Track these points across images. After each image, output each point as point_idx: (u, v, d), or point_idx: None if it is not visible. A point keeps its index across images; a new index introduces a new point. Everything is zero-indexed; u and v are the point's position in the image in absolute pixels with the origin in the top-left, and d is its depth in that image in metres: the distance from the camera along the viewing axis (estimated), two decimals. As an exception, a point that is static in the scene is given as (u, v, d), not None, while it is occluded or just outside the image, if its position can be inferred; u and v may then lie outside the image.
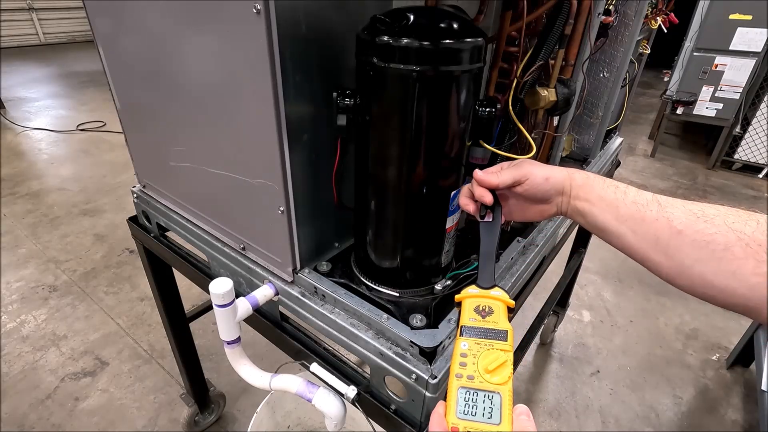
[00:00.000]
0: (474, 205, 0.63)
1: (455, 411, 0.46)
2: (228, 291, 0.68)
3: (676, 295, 2.43)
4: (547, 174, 0.60)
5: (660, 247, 0.50)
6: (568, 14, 0.73)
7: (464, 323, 0.54)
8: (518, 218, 0.67)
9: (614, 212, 0.54)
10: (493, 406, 0.46)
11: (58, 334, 1.99)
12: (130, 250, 2.58)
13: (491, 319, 0.53)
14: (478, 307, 0.55)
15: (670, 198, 0.52)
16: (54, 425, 1.60)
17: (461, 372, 0.49)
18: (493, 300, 0.55)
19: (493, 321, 0.53)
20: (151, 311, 2.14)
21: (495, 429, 0.44)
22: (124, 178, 3.43)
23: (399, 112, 0.60)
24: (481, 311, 0.54)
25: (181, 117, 0.82)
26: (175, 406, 1.68)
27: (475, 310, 0.55)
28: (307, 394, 0.75)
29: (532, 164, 0.61)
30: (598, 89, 1.12)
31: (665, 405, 1.80)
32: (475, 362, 0.49)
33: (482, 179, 0.61)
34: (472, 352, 0.50)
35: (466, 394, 0.47)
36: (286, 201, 0.69)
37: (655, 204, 0.52)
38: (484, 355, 0.49)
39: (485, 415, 0.45)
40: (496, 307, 0.55)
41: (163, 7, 0.70)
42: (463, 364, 0.49)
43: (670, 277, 0.50)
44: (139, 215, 1.12)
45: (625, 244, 0.54)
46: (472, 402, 0.47)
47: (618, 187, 0.56)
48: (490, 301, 0.55)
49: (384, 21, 0.54)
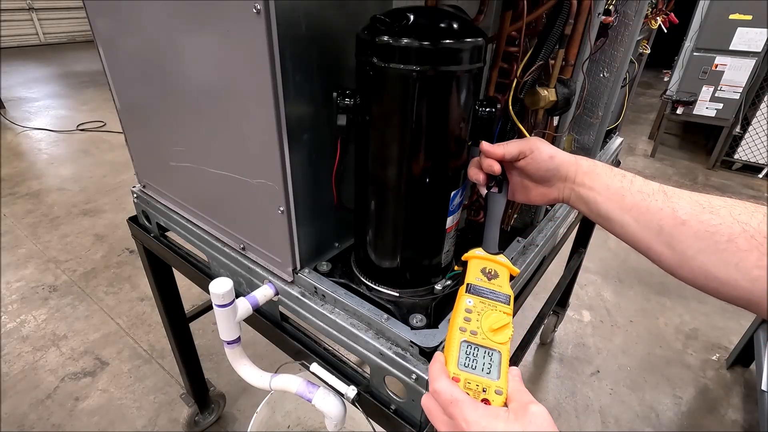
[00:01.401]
0: (483, 175, 0.64)
1: (456, 362, 0.48)
2: (228, 291, 0.68)
3: (676, 295, 2.43)
4: (553, 152, 0.60)
5: (663, 238, 0.49)
6: (568, 14, 0.73)
7: (470, 281, 0.56)
8: (521, 199, 0.67)
9: (619, 201, 0.54)
10: (492, 363, 0.48)
11: (58, 334, 1.99)
12: (130, 250, 2.58)
13: (496, 282, 0.56)
14: (485, 269, 0.57)
15: (678, 189, 0.52)
16: (54, 425, 1.60)
17: (465, 326, 0.51)
18: (499, 265, 0.58)
19: (497, 284, 0.56)
20: (151, 311, 2.14)
21: (493, 384, 0.46)
22: (124, 178, 3.43)
23: (399, 112, 0.60)
24: (487, 273, 0.57)
25: (181, 117, 0.82)
26: (175, 406, 1.68)
27: (481, 271, 0.57)
28: (307, 394, 0.75)
29: (540, 140, 0.62)
30: (598, 89, 1.12)
31: (665, 405, 1.80)
32: (479, 320, 0.51)
33: (488, 150, 0.61)
34: (477, 310, 0.52)
35: (468, 348, 0.49)
36: (286, 201, 0.69)
37: (661, 194, 0.51)
38: (487, 314, 0.52)
39: (484, 370, 0.48)
40: (501, 273, 0.57)
41: (163, 8, 0.70)
42: (467, 319, 0.52)
43: (671, 268, 0.50)
44: (139, 215, 1.12)
45: (628, 233, 0.53)
46: (473, 356, 0.49)
47: (625, 176, 0.55)
48: (497, 266, 0.58)
49: (384, 21, 0.54)
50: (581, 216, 1.36)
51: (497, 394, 0.46)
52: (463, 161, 0.68)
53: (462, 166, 0.68)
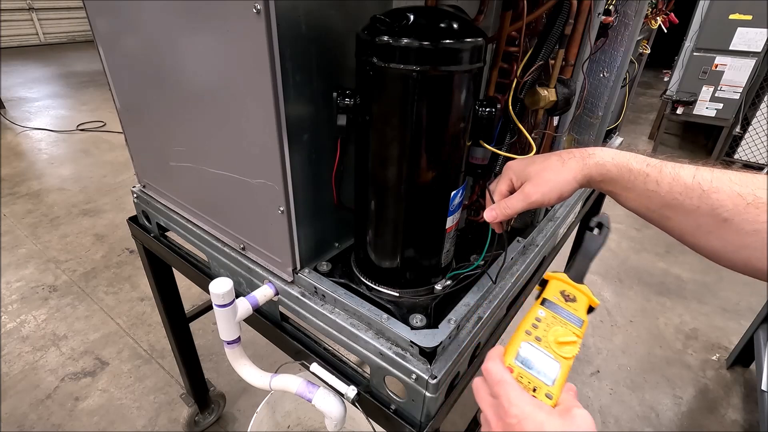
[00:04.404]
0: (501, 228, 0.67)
1: (515, 356, 0.49)
2: (228, 291, 0.68)
3: (676, 295, 2.43)
4: (559, 193, 0.57)
5: (701, 233, 0.48)
6: (568, 14, 0.73)
7: (548, 297, 0.56)
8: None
9: (646, 202, 0.52)
10: (550, 370, 0.48)
11: (58, 334, 1.99)
12: (130, 250, 2.58)
13: (573, 306, 0.55)
14: (564, 291, 0.57)
15: (715, 173, 0.48)
16: (54, 425, 1.60)
17: (531, 331, 0.51)
18: (580, 293, 0.57)
19: (574, 308, 0.55)
20: (151, 311, 2.13)
21: (545, 386, 0.46)
22: (124, 178, 3.43)
23: (399, 112, 0.60)
24: (566, 295, 0.56)
25: (181, 117, 0.82)
26: (175, 406, 1.68)
27: (561, 292, 0.57)
28: (307, 394, 0.75)
29: (537, 186, 0.59)
30: (598, 89, 1.12)
31: (665, 405, 1.80)
32: (547, 330, 0.51)
33: (497, 218, 0.62)
34: (547, 322, 0.52)
35: (529, 348, 0.50)
36: (286, 201, 0.69)
37: (696, 190, 0.48)
38: (556, 328, 0.51)
39: (540, 372, 0.48)
40: (580, 300, 0.56)
41: (164, 8, 0.70)
42: (535, 326, 0.52)
43: (710, 258, 0.49)
44: (139, 215, 1.12)
45: (661, 226, 0.52)
46: (532, 357, 0.49)
47: (648, 175, 0.51)
48: (577, 292, 0.57)
49: (384, 21, 0.54)
50: (581, 216, 1.36)
51: (547, 397, 0.46)
52: (463, 161, 0.68)
53: (462, 167, 0.68)
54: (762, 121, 3.72)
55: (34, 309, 2.13)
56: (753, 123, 3.76)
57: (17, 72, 6.42)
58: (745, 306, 2.36)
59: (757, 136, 3.80)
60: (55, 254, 2.53)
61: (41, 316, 2.10)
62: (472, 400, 0.48)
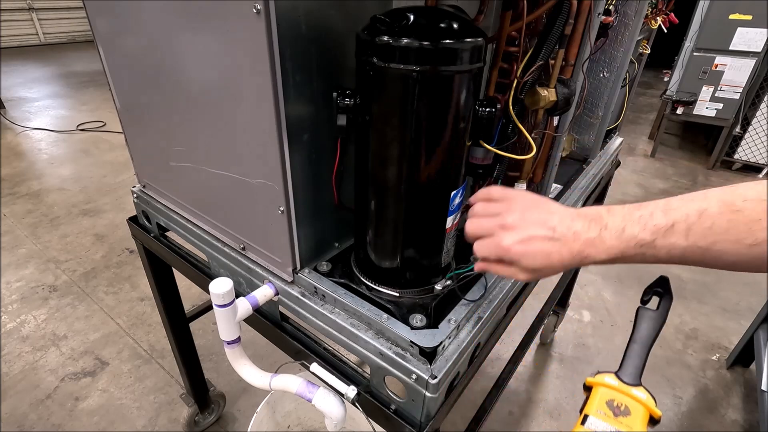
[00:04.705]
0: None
1: None
2: (228, 291, 0.68)
3: (675, 295, 2.41)
4: (558, 268, 0.50)
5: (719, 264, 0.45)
6: (568, 14, 0.73)
7: (590, 413, 0.46)
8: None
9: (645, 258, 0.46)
10: None
11: (58, 334, 1.99)
12: (130, 250, 2.58)
13: (626, 421, 0.44)
14: (613, 401, 0.46)
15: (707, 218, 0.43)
16: (54, 425, 1.60)
17: None
18: (634, 401, 0.46)
19: (627, 424, 0.44)
20: (151, 311, 2.13)
21: None
22: (124, 178, 3.43)
23: (399, 112, 0.60)
24: (615, 407, 0.46)
25: (181, 117, 0.82)
26: (175, 406, 1.68)
27: (607, 404, 0.46)
28: (307, 394, 0.75)
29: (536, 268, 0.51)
30: (598, 89, 1.12)
31: (665, 405, 1.80)
32: None
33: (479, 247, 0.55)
34: None
35: None
36: (286, 201, 0.69)
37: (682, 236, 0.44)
38: None
39: None
40: (635, 410, 0.45)
41: (164, 8, 0.70)
42: None
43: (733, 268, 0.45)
44: (139, 215, 1.12)
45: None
46: None
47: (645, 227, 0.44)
48: (630, 401, 0.46)
49: (384, 21, 0.54)
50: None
51: None
52: (464, 162, 0.68)
53: (462, 167, 0.68)
54: (762, 121, 3.72)
55: (34, 309, 2.13)
56: (753, 123, 3.76)
57: (17, 72, 6.42)
58: (745, 306, 2.36)
59: (757, 136, 3.80)
60: (55, 254, 2.53)
61: (41, 316, 2.10)
62: (473, 400, 0.46)
